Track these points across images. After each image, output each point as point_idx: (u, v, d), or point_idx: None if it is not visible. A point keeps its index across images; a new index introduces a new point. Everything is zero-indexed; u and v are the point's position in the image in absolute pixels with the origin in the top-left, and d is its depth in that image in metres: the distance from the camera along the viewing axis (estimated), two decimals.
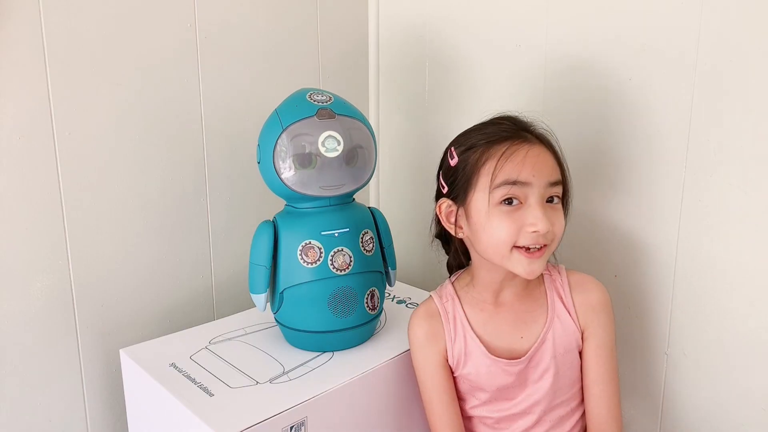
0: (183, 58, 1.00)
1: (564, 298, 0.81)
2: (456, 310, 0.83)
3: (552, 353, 0.79)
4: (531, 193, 0.72)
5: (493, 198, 0.73)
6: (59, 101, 0.88)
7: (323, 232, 0.85)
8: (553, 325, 0.80)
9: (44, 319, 0.91)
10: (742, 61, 0.79)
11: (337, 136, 0.82)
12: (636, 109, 0.89)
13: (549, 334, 0.80)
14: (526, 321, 0.81)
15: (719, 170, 0.83)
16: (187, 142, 1.02)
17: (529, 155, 0.73)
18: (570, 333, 0.80)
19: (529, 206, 0.72)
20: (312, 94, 0.85)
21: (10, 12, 0.83)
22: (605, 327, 0.81)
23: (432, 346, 0.82)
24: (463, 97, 1.12)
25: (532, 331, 0.81)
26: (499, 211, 0.73)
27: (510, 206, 0.73)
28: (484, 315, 0.82)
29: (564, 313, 0.81)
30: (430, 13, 1.15)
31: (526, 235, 0.72)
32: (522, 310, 0.81)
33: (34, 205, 0.88)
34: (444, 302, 0.84)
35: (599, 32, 0.91)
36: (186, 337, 0.93)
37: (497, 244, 0.74)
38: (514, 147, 0.74)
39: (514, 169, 0.72)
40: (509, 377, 0.80)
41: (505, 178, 0.72)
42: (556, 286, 0.82)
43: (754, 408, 0.85)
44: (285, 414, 0.74)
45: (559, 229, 0.75)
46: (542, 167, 0.73)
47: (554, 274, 0.84)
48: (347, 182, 0.85)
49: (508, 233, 0.72)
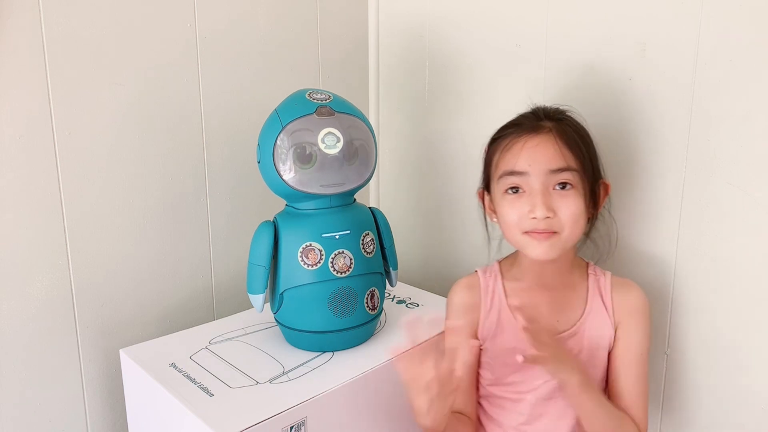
0: (183, 58, 1.00)
1: (604, 296, 0.83)
2: (496, 285, 0.86)
3: (581, 346, 0.81)
4: (531, 182, 0.76)
5: (499, 187, 0.80)
6: (59, 101, 0.88)
7: (324, 234, 0.84)
8: (589, 318, 0.82)
9: (44, 319, 0.91)
10: (742, 61, 0.79)
11: (337, 133, 0.82)
12: (636, 109, 0.89)
13: (584, 326, 0.81)
14: (564, 307, 0.83)
15: (719, 170, 0.83)
16: (187, 142, 1.02)
17: (526, 146, 0.77)
18: (604, 329, 0.81)
19: (530, 194, 0.77)
20: (311, 93, 0.86)
21: (10, 12, 0.83)
22: (638, 329, 0.82)
23: (466, 315, 0.85)
24: (463, 96, 1.12)
25: (568, 317, 0.82)
26: (506, 199, 0.79)
27: (514, 194, 0.78)
28: (523, 294, 0.84)
29: (601, 308, 0.82)
30: (430, 13, 1.15)
31: (527, 221, 0.77)
32: (561, 296, 0.83)
33: (34, 205, 0.88)
34: (487, 276, 0.87)
35: (599, 32, 0.91)
36: (186, 337, 0.93)
37: (508, 229, 0.80)
38: (515, 140, 0.79)
39: (510, 160, 0.78)
40: None
41: (504, 169, 0.78)
42: (599, 285, 0.84)
43: (754, 408, 0.85)
44: (285, 414, 0.74)
45: (566, 215, 0.76)
46: (540, 156, 0.76)
47: (600, 276, 0.85)
48: (347, 180, 0.85)
49: (513, 219, 0.78)
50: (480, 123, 1.08)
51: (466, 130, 1.13)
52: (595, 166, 0.81)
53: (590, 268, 0.87)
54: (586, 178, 0.78)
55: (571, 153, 0.77)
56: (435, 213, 1.21)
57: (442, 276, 1.22)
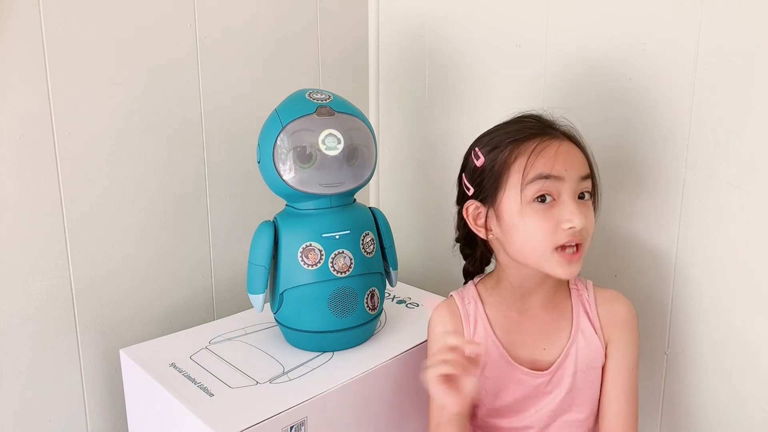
0: (183, 58, 1.00)
1: (590, 313, 0.79)
2: (478, 313, 0.81)
3: (573, 369, 0.78)
4: (564, 189, 0.71)
5: (525, 195, 0.71)
6: (59, 101, 0.88)
7: (324, 234, 0.84)
8: (577, 340, 0.78)
9: (44, 318, 0.91)
10: (742, 61, 0.79)
11: (337, 134, 0.82)
12: (636, 109, 0.89)
13: (572, 349, 0.78)
14: (550, 332, 0.79)
15: (719, 170, 0.83)
16: (188, 142, 1.02)
17: (561, 150, 0.72)
18: (594, 349, 0.78)
19: (563, 202, 0.71)
20: (311, 93, 0.86)
21: (10, 12, 0.83)
22: (628, 344, 0.79)
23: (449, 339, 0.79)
24: (463, 97, 1.12)
25: (555, 343, 0.79)
26: (533, 209, 0.71)
27: (543, 203, 0.71)
28: (507, 322, 0.80)
29: (588, 327, 0.79)
30: (430, 13, 1.15)
31: (562, 232, 0.70)
32: (546, 321, 0.79)
33: (34, 205, 0.88)
34: (465, 304, 0.82)
35: (599, 32, 0.91)
36: (186, 337, 0.93)
37: (534, 245, 0.72)
38: (545, 142, 0.72)
39: (546, 163, 0.71)
40: (526, 389, 0.78)
41: (538, 172, 0.71)
42: (583, 301, 0.80)
43: (754, 408, 0.85)
44: (285, 414, 0.74)
45: (591, 226, 0.73)
46: (574, 161, 0.72)
47: (581, 288, 0.81)
48: (347, 180, 0.85)
49: (545, 232, 0.71)
50: (480, 123, 1.07)
51: (466, 130, 1.12)
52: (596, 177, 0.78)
53: (571, 281, 0.82)
54: (595, 188, 0.76)
55: (588, 161, 0.75)
56: (435, 213, 1.21)
57: (442, 276, 1.22)
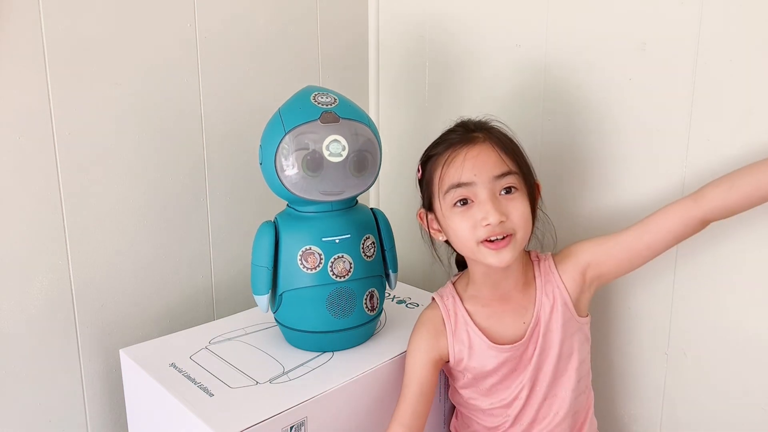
0: (183, 58, 1.00)
1: (552, 275, 0.83)
2: (457, 308, 0.85)
3: (544, 329, 0.82)
4: (478, 191, 0.77)
5: (446, 202, 0.79)
6: (59, 101, 0.88)
7: (324, 238, 0.84)
8: (542, 303, 0.82)
9: (44, 318, 0.91)
10: (742, 60, 0.79)
11: (342, 141, 0.81)
12: (636, 109, 0.89)
13: (542, 312, 0.82)
14: (526, 306, 0.83)
15: (719, 170, 0.83)
16: (187, 142, 1.02)
17: (468, 156, 0.78)
18: (560, 305, 0.82)
19: (480, 203, 0.77)
20: (316, 96, 0.83)
21: (10, 12, 0.82)
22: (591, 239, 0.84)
23: (430, 341, 0.84)
24: (463, 96, 1.12)
25: (529, 313, 0.83)
26: (455, 212, 0.79)
27: (464, 206, 0.78)
28: (486, 310, 0.84)
29: (551, 289, 0.83)
30: (430, 13, 1.15)
31: (481, 229, 0.76)
32: (521, 299, 0.84)
33: (34, 205, 0.88)
34: (445, 300, 0.86)
35: (599, 32, 0.91)
36: (186, 337, 0.93)
37: (462, 242, 0.79)
38: (455, 152, 0.79)
39: (455, 173, 0.78)
40: (513, 362, 0.82)
41: (450, 182, 0.78)
42: (543, 270, 0.85)
43: (754, 408, 0.85)
44: (285, 414, 0.74)
45: (518, 216, 0.77)
46: (483, 165, 0.77)
47: (543, 260, 0.86)
48: (349, 188, 0.84)
49: (467, 230, 0.78)
50: None
51: None
52: (529, 168, 0.82)
53: (532, 255, 0.87)
54: (525, 179, 0.80)
55: (510, 157, 0.79)
56: None
57: (442, 276, 1.22)
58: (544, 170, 0.98)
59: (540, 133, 1.01)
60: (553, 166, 1.00)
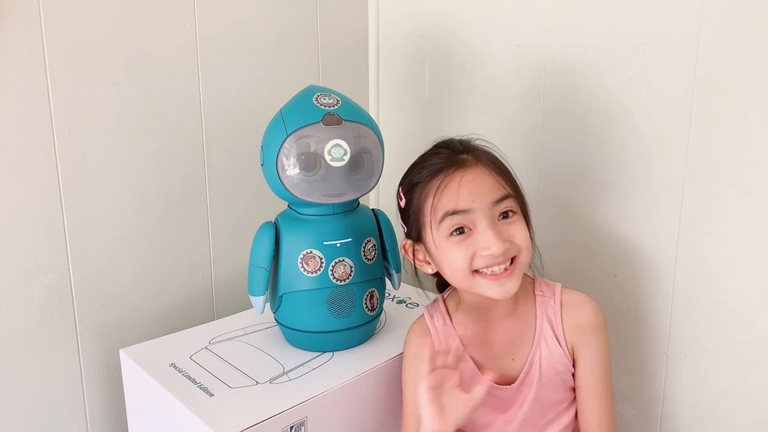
0: (183, 59, 1.00)
1: (554, 321, 0.79)
2: (447, 328, 0.81)
3: (539, 377, 0.78)
4: (477, 218, 0.72)
5: (441, 232, 0.73)
6: (59, 101, 0.88)
7: (325, 242, 0.84)
8: (540, 348, 0.78)
9: (44, 318, 0.91)
10: (742, 60, 0.79)
11: (344, 145, 0.80)
12: (636, 109, 0.89)
13: (536, 357, 0.78)
14: (516, 342, 0.79)
15: (719, 170, 0.83)
16: (187, 142, 1.02)
17: (464, 182, 0.72)
18: (556, 356, 0.78)
19: (479, 231, 0.72)
20: (319, 97, 0.82)
21: (10, 12, 0.83)
22: (596, 348, 0.78)
23: (421, 363, 0.77)
24: (463, 96, 1.12)
25: (521, 352, 0.79)
26: (451, 242, 0.73)
27: (461, 235, 0.73)
28: (475, 337, 0.80)
29: (552, 337, 0.78)
30: (430, 13, 1.15)
31: (481, 258, 0.72)
32: (513, 330, 0.80)
33: (34, 205, 0.88)
34: (434, 321, 0.82)
35: (599, 32, 0.91)
36: (186, 337, 0.93)
37: (457, 273, 0.74)
38: (448, 178, 0.73)
39: (451, 200, 0.72)
40: (497, 401, 0.78)
41: (445, 210, 0.72)
42: (547, 308, 0.80)
43: (754, 408, 0.85)
44: (285, 414, 0.74)
45: (521, 240, 0.73)
46: (479, 190, 0.72)
47: (547, 294, 0.81)
48: (351, 191, 0.83)
49: (463, 260, 0.72)
50: (480, 123, 1.08)
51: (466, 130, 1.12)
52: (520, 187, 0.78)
53: (537, 286, 0.81)
54: (521, 201, 0.76)
55: (504, 180, 0.75)
56: None
57: None
58: (543, 170, 0.99)
59: (540, 133, 1.01)
60: (552, 166, 1.00)
